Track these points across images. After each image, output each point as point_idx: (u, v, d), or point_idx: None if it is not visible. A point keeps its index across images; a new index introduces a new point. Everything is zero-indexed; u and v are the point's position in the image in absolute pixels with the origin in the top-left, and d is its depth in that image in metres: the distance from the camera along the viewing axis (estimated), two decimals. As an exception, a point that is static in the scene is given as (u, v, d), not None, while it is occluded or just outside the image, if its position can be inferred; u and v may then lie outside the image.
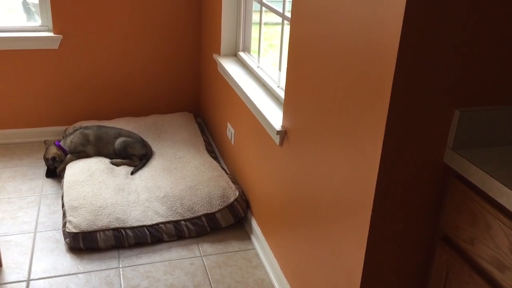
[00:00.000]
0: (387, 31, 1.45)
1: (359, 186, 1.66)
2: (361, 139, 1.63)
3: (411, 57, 1.42)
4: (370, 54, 1.55)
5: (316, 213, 2.03)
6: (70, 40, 3.68)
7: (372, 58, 1.54)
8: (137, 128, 3.72)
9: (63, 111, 3.87)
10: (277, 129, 2.31)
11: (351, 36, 1.65)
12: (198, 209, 2.90)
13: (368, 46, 1.56)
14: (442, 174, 1.60)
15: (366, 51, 1.57)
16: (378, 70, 1.50)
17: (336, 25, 1.75)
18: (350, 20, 1.65)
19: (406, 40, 1.40)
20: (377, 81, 1.52)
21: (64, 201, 2.90)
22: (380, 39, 1.49)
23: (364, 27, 1.57)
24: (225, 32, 3.28)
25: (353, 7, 1.62)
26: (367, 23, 1.55)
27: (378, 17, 1.49)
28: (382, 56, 1.48)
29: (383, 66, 1.47)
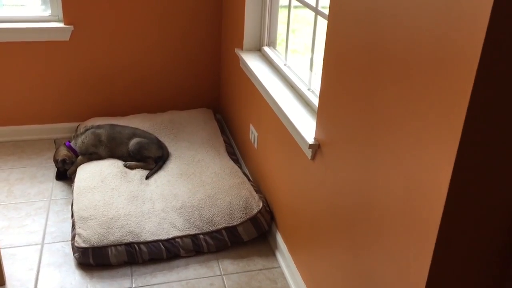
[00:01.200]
0: (466, 30, 1.15)
1: (421, 201, 1.38)
2: (427, 153, 1.35)
3: (496, 67, 1.13)
4: (443, 58, 1.25)
5: (357, 233, 1.76)
6: (81, 32, 3.42)
7: (446, 63, 1.25)
8: (153, 126, 3.47)
9: (75, 107, 3.63)
10: (310, 142, 2.03)
11: (416, 35, 1.35)
12: (218, 221, 2.66)
13: (442, 48, 1.26)
14: (518, 216, 1.32)
15: (439, 54, 1.27)
16: (454, 76, 1.21)
17: (393, 23, 1.45)
18: (414, 17, 1.35)
19: (490, 49, 1.10)
20: (451, 90, 1.23)
21: (74, 210, 2.68)
22: (457, 40, 1.19)
23: (434, 26, 1.27)
24: (249, 25, 2.99)
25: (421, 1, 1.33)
26: (438, 20, 1.25)
27: (454, 13, 1.19)
28: (459, 60, 1.19)
29: (460, 71, 1.18)
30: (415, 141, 1.37)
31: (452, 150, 1.21)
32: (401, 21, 1.40)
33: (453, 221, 1.29)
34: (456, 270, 1.37)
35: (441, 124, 1.25)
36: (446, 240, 1.31)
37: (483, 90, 1.14)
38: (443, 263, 1.34)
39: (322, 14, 2.21)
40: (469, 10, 1.13)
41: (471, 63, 1.13)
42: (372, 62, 1.58)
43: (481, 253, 1.36)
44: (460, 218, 1.29)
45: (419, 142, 1.36)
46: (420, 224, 1.38)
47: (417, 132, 1.36)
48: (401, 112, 1.44)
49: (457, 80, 1.19)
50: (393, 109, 1.48)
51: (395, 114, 1.47)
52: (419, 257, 1.38)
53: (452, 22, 1.19)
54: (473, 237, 1.33)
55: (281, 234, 2.61)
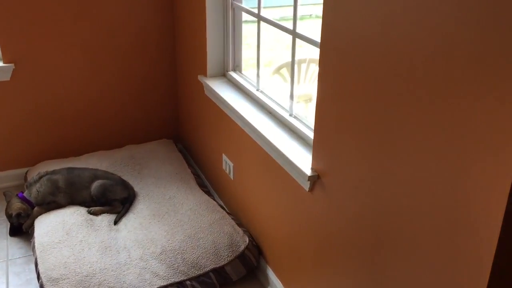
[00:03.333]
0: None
1: (444, 239, 1.29)
2: (448, 180, 1.26)
3: None
4: (448, 87, 1.17)
5: (371, 265, 1.65)
6: (23, 69, 3.11)
7: (448, 91, 1.16)
8: (113, 164, 3.21)
9: (21, 151, 3.30)
10: (308, 174, 1.90)
11: (418, 62, 1.27)
12: (204, 263, 2.46)
13: (446, 76, 1.18)
14: None
15: (443, 80, 1.19)
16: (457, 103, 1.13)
17: (392, 51, 1.36)
18: (415, 44, 1.27)
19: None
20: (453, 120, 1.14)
21: (40, 271, 2.38)
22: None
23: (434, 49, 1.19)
24: (212, 50, 2.84)
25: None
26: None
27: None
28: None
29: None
30: (433, 162, 1.28)
31: (500, 177, 1.13)
32: (401, 49, 1.31)
33: (503, 256, 1.20)
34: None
35: (452, 149, 1.16)
36: (498, 279, 1.22)
37: None
38: None
39: (301, 36, 2.11)
40: None
41: None
42: (373, 86, 1.48)
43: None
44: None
45: (435, 168, 1.27)
46: (446, 259, 1.29)
47: (430, 158, 1.27)
48: (414, 135, 1.35)
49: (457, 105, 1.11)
50: (404, 132, 1.39)
51: (407, 137, 1.38)
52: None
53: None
54: None
55: (273, 269, 2.45)
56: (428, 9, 1.26)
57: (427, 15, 1.27)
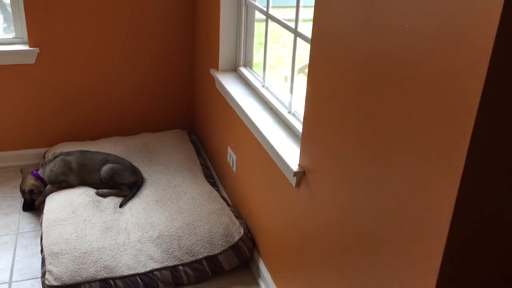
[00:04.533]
0: (465, 53, 1.10)
1: (420, 227, 1.31)
2: (424, 179, 1.28)
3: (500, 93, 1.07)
4: (440, 80, 1.20)
5: (350, 261, 1.68)
6: (48, 54, 3.27)
7: (442, 85, 1.19)
8: (126, 150, 3.33)
9: (42, 132, 3.46)
10: (294, 170, 1.95)
11: (409, 56, 1.29)
12: (198, 250, 2.54)
13: (439, 70, 1.20)
14: (520, 250, 1.26)
15: (436, 76, 1.21)
16: (452, 100, 1.15)
17: (384, 44, 1.39)
18: (408, 37, 1.30)
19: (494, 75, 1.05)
20: (448, 115, 1.17)
21: (44, 245, 2.52)
22: (453, 63, 1.14)
23: (430, 45, 1.22)
24: (224, 45, 2.91)
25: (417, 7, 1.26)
26: (435, 39, 1.19)
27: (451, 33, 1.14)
28: (456, 83, 1.13)
29: (460, 94, 1.13)
30: (411, 166, 1.31)
31: (454, 176, 1.15)
32: (393, 41, 1.34)
33: (456, 249, 1.22)
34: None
35: (439, 149, 1.19)
36: (449, 269, 1.24)
37: (487, 113, 1.08)
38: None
39: (302, 36, 2.15)
40: (474, 24, 1.08)
41: (472, 85, 1.07)
42: (359, 86, 1.52)
43: (485, 284, 1.30)
44: (464, 253, 1.23)
45: (415, 167, 1.29)
46: (418, 255, 1.31)
47: (412, 158, 1.30)
48: (395, 136, 1.37)
49: (456, 104, 1.13)
50: (386, 134, 1.41)
51: (388, 139, 1.40)
52: (423, 284, 1.31)
53: (449, 45, 1.14)
54: (477, 270, 1.27)
55: (264, 262, 2.51)
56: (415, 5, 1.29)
57: (413, 10, 1.30)
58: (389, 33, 1.34)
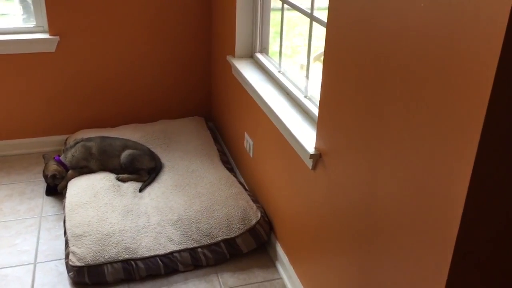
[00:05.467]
0: (479, 37, 1.11)
1: (436, 210, 1.34)
2: (441, 160, 1.31)
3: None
4: (452, 63, 1.21)
5: (365, 244, 1.72)
6: (68, 42, 3.34)
7: (455, 68, 1.20)
8: (145, 136, 3.39)
9: (62, 119, 3.54)
10: (310, 152, 1.98)
11: (423, 42, 1.31)
12: (216, 233, 2.59)
13: (451, 54, 1.22)
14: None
15: (448, 60, 1.23)
16: (465, 82, 1.17)
17: (399, 30, 1.41)
18: (422, 23, 1.31)
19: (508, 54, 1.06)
20: (463, 96, 1.19)
21: (67, 228, 2.60)
22: (467, 48, 1.15)
23: (443, 32, 1.23)
24: (240, 31, 2.94)
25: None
26: (448, 27, 1.21)
27: (464, 19, 1.15)
28: (470, 67, 1.15)
29: (473, 77, 1.14)
30: (428, 148, 1.33)
31: (469, 158, 1.17)
32: (407, 27, 1.36)
33: (470, 230, 1.24)
34: (473, 281, 1.32)
35: (456, 130, 1.21)
36: (463, 250, 1.26)
37: (502, 92, 1.10)
38: (461, 274, 1.29)
39: (318, 20, 2.17)
40: (482, 16, 1.09)
41: (486, 68, 1.09)
42: (376, 68, 1.54)
43: (498, 261, 1.32)
44: (478, 227, 1.25)
45: (432, 149, 1.31)
46: (436, 234, 1.34)
47: (429, 139, 1.32)
48: (410, 118, 1.39)
49: (469, 85, 1.15)
50: (401, 115, 1.43)
51: (403, 120, 1.43)
52: (436, 268, 1.34)
53: (463, 30, 1.15)
54: (490, 245, 1.29)
55: (281, 245, 2.55)
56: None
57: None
58: (405, 14, 1.36)
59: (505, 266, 1.33)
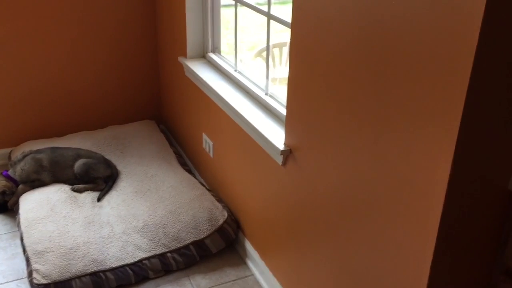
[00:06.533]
0: (458, 27, 1.19)
1: (413, 196, 1.42)
2: (416, 150, 1.38)
3: (492, 53, 1.17)
4: (430, 50, 1.29)
5: (341, 233, 1.78)
6: (4, 48, 3.16)
7: (433, 55, 1.28)
8: (96, 144, 3.29)
9: (4, 131, 3.36)
10: (281, 148, 2.02)
11: (399, 32, 1.38)
12: (184, 236, 2.57)
13: (429, 42, 1.29)
14: (506, 201, 1.38)
15: (426, 47, 1.30)
16: (444, 71, 1.25)
17: (373, 19, 1.47)
18: (399, 13, 1.38)
19: (485, 49, 1.14)
20: (446, 84, 1.26)
21: (26, 245, 2.48)
22: (446, 38, 1.23)
23: (420, 20, 1.30)
24: (191, 32, 2.92)
25: None
26: (426, 15, 1.28)
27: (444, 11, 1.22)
28: (448, 57, 1.23)
29: (451, 67, 1.22)
30: (401, 139, 1.40)
31: (447, 147, 1.25)
32: (379, 19, 1.42)
33: (452, 214, 1.33)
34: (456, 261, 1.41)
35: (435, 120, 1.28)
36: (446, 234, 1.35)
37: (478, 80, 1.18)
38: (444, 255, 1.38)
39: (275, 18, 2.20)
40: (463, 7, 1.17)
41: (463, 59, 1.17)
42: (345, 62, 1.59)
43: (476, 243, 1.42)
44: (459, 210, 1.34)
45: (406, 140, 1.38)
46: (413, 218, 1.41)
47: (405, 130, 1.39)
48: (383, 109, 1.46)
49: (448, 75, 1.22)
50: (373, 107, 1.50)
51: (375, 112, 1.49)
52: (417, 253, 1.41)
53: (445, 13, 1.23)
54: (470, 227, 1.38)
55: (251, 242, 2.58)
56: (385, -8, 1.37)
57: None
58: (375, 6, 1.42)
59: (486, 247, 1.43)
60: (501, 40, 1.15)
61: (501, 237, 1.44)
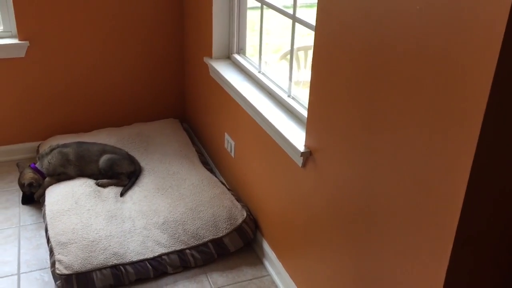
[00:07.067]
0: (473, 32, 1.19)
1: (432, 201, 1.42)
2: (436, 154, 1.38)
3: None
4: (446, 60, 1.29)
5: (359, 236, 1.78)
6: (38, 47, 3.26)
7: (449, 65, 1.28)
8: (121, 141, 3.36)
9: (34, 126, 3.46)
10: (301, 150, 2.03)
11: (416, 38, 1.38)
12: (203, 234, 2.61)
13: (445, 51, 1.30)
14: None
15: (442, 56, 1.31)
16: (459, 79, 1.25)
17: (391, 28, 1.48)
18: (414, 21, 1.38)
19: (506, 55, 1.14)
20: (458, 93, 1.26)
21: (50, 236, 2.55)
22: (459, 46, 1.23)
23: (436, 28, 1.31)
24: (217, 33, 2.96)
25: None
26: (441, 22, 1.29)
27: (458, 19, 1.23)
28: (462, 64, 1.23)
29: (466, 74, 1.22)
30: (425, 141, 1.40)
31: (467, 152, 1.25)
32: (403, 25, 1.43)
33: (469, 220, 1.33)
34: (472, 267, 1.41)
35: (456, 123, 1.28)
36: (463, 239, 1.34)
37: (500, 87, 1.18)
38: (461, 261, 1.38)
39: (300, 21, 2.22)
40: (484, 11, 1.17)
41: (486, 63, 1.17)
42: (368, 66, 1.60)
43: (494, 248, 1.41)
44: (476, 216, 1.33)
45: (430, 142, 1.39)
46: (430, 224, 1.41)
47: (426, 132, 1.39)
48: (403, 114, 1.46)
49: (469, 79, 1.22)
50: (395, 110, 1.50)
51: (397, 115, 1.50)
52: (434, 258, 1.41)
53: (466, 22, 1.23)
54: (487, 233, 1.38)
55: (268, 242, 2.60)
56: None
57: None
58: (399, 12, 1.43)
59: (504, 253, 1.42)
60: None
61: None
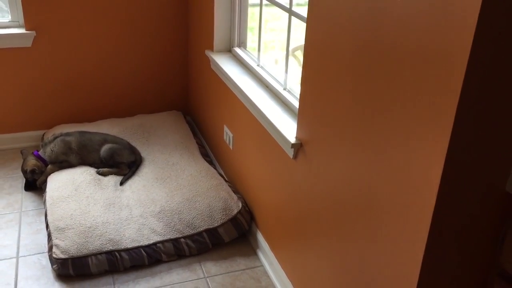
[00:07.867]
0: (456, 26, 1.21)
1: (412, 193, 1.44)
2: (417, 147, 1.40)
3: (487, 58, 1.18)
4: (432, 53, 1.31)
5: (345, 228, 1.81)
6: (44, 37, 3.32)
7: (435, 58, 1.30)
8: (123, 131, 3.41)
9: (39, 114, 3.53)
10: (292, 142, 2.06)
11: (404, 31, 1.40)
12: (199, 224, 2.65)
13: (431, 43, 1.31)
14: (503, 203, 1.39)
15: (428, 49, 1.33)
16: (443, 71, 1.27)
17: (380, 20, 1.50)
18: (402, 14, 1.40)
19: (480, 46, 1.16)
20: (441, 85, 1.28)
21: (49, 221, 2.61)
22: (446, 36, 1.25)
23: (422, 21, 1.33)
24: (218, 26, 2.99)
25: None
26: (427, 15, 1.30)
27: (443, 11, 1.24)
28: (448, 56, 1.24)
29: (450, 66, 1.24)
30: (405, 136, 1.42)
31: (443, 143, 1.27)
32: (389, 18, 1.45)
33: (444, 211, 1.34)
34: (448, 259, 1.43)
35: (432, 118, 1.30)
36: (438, 230, 1.36)
37: (473, 82, 1.19)
38: (436, 252, 1.39)
39: (296, 14, 2.24)
40: (458, 9, 1.18)
41: (461, 58, 1.18)
42: (356, 60, 1.62)
43: (472, 243, 1.42)
44: (452, 208, 1.35)
45: (409, 137, 1.41)
46: (412, 215, 1.43)
47: (407, 128, 1.41)
48: (389, 107, 1.48)
49: (447, 74, 1.24)
50: (381, 105, 1.52)
51: (383, 110, 1.52)
52: (412, 247, 1.43)
53: (442, 19, 1.24)
54: (464, 226, 1.39)
55: (262, 233, 2.63)
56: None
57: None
58: (383, 7, 1.45)
59: (482, 248, 1.44)
60: (496, 42, 1.16)
61: (497, 239, 1.44)
